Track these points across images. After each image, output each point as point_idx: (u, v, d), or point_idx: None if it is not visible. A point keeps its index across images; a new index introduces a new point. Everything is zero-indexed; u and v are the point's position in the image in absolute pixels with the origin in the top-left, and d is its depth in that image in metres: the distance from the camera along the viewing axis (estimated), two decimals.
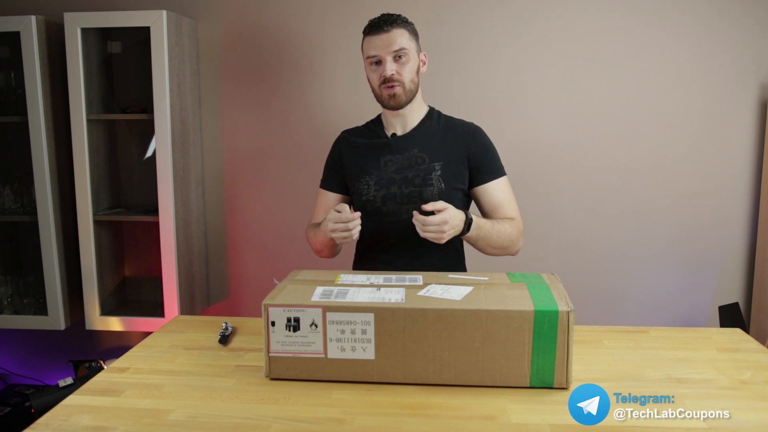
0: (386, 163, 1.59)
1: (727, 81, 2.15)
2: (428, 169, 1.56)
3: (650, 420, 1.02)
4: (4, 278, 2.27)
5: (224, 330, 1.44)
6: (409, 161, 1.58)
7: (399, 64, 1.53)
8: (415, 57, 1.56)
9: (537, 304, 1.12)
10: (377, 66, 1.55)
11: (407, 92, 1.55)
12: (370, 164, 1.61)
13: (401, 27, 1.53)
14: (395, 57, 1.52)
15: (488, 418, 1.03)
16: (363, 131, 1.69)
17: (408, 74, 1.54)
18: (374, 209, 1.59)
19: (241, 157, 2.35)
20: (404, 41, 1.52)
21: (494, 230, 1.50)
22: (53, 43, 2.14)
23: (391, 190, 1.57)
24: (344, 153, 1.67)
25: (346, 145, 1.68)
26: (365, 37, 1.56)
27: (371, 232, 1.61)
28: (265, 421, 1.03)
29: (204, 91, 2.33)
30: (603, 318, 2.28)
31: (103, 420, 1.04)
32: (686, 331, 1.46)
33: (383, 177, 1.58)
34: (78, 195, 2.15)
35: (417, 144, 1.59)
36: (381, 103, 1.61)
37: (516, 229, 1.55)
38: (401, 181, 1.57)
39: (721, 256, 2.25)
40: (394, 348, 1.14)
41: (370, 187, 1.59)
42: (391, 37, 1.51)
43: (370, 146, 1.63)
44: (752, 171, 2.19)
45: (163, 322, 2.14)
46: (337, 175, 1.68)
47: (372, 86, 1.59)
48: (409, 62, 1.54)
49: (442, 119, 1.65)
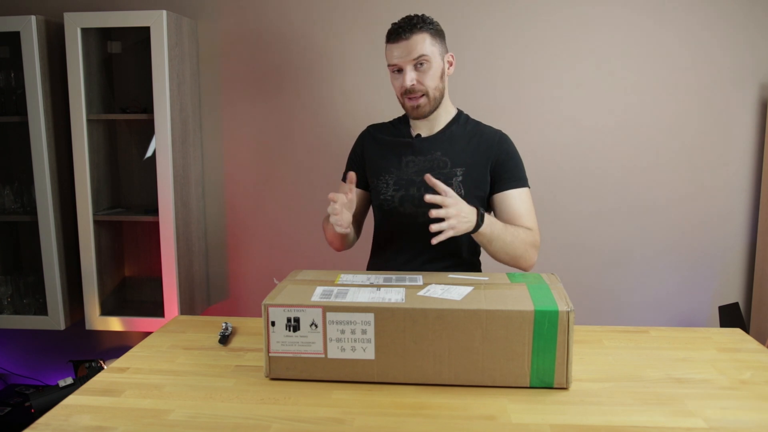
0: (407, 163, 1.56)
1: (727, 81, 2.15)
2: (449, 174, 1.52)
3: (650, 420, 1.02)
4: (4, 278, 2.27)
5: (224, 330, 1.44)
6: (431, 164, 1.54)
7: (420, 72, 1.47)
8: (438, 61, 1.49)
9: (537, 304, 1.12)
10: (398, 74, 1.50)
11: (432, 101, 1.51)
12: (391, 163, 1.57)
13: (422, 31, 1.46)
14: (416, 65, 1.46)
15: (488, 418, 1.03)
16: (388, 128, 1.66)
17: (431, 81, 1.48)
18: (391, 209, 1.56)
19: (241, 157, 2.35)
20: (425, 47, 1.46)
21: (508, 232, 1.44)
22: (53, 43, 2.14)
23: (410, 192, 1.54)
24: (367, 147, 1.64)
25: (370, 140, 1.65)
26: (386, 45, 1.51)
27: (387, 232, 1.60)
28: (265, 421, 1.03)
29: (204, 91, 2.33)
30: (603, 318, 2.28)
31: (103, 420, 1.04)
32: (686, 331, 1.46)
33: (403, 177, 1.55)
34: (78, 195, 2.15)
35: (440, 147, 1.55)
36: (405, 112, 1.57)
37: (531, 237, 1.48)
38: (421, 184, 1.53)
39: (721, 256, 2.25)
40: (394, 348, 1.14)
41: (389, 187, 1.56)
42: (411, 44, 1.45)
43: (394, 144, 1.60)
44: (752, 171, 2.19)
45: (163, 322, 2.14)
46: (358, 169, 1.63)
47: (396, 94, 1.55)
48: (431, 69, 1.47)
49: (470, 124, 1.60)
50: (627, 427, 1.00)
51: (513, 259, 1.48)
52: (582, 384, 1.16)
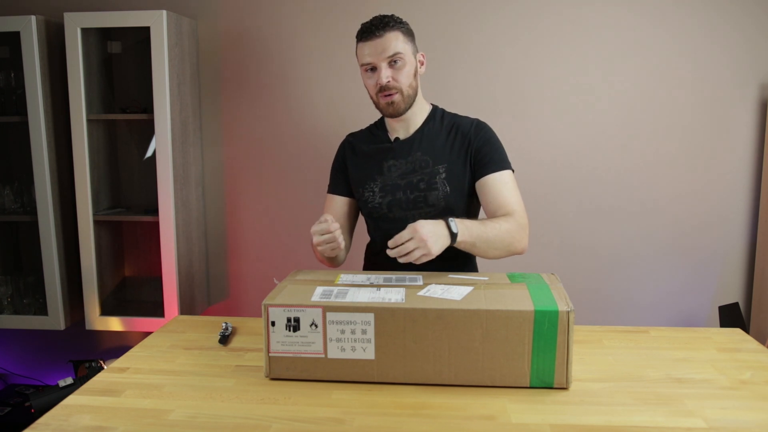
0: (390, 168, 1.56)
1: (727, 81, 2.15)
2: (432, 173, 1.52)
3: (650, 420, 1.02)
4: (4, 278, 2.27)
5: (224, 330, 1.44)
6: (413, 165, 1.54)
7: (394, 70, 1.47)
8: (411, 59, 1.49)
9: (537, 304, 1.12)
10: (372, 73, 1.49)
11: (406, 98, 1.50)
12: (374, 170, 1.57)
13: (394, 30, 1.46)
14: (390, 63, 1.46)
15: (488, 418, 1.03)
16: (366, 135, 1.65)
17: (405, 79, 1.48)
18: (381, 216, 1.56)
19: (241, 157, 2.35)
20: (399, 45, 1.45)
21: (488, 229, 1.39)
22: (53, 43, 2.14)
23: (397, 196, 1.53)
24: (348, 159, 1.64)
25: (350, 151, 1.64)
26: (358, 43, 1.50)
27: (380, 239, 1.59)
28: (265, 421, 1.03)
29: (204, 91, 2.33)
30: (603, 318, 2.28)
31: (103, 420, 1.04)
32: (686, 331, 1.46)
33: (388, 183, 1.55)
34: (78, 195, 2.15)
35: (420, 147, 1.55)
36: (380, 111, 1.56)
37: (514, 223, 1.42)
38: (406, 186, 1.53)
39: (721, 256, 2.25)
40: (394, 348, 1.14)
41: (375, 194, 1.55)
42: (384, 42, 1.44)
43: (374, 152, 1.59)
44: (752, 171, 2.19)
45: (163, 322, 2.14)
46: (344, 178, 1.64)
47: (369, 93, 1.54)
48: (405, 66, 1.47)
49: (446, 118, 1.59)
50: (627, 427, 1.00)
51: (503, 252, 1.43)
52: (582, 384, 1.16)
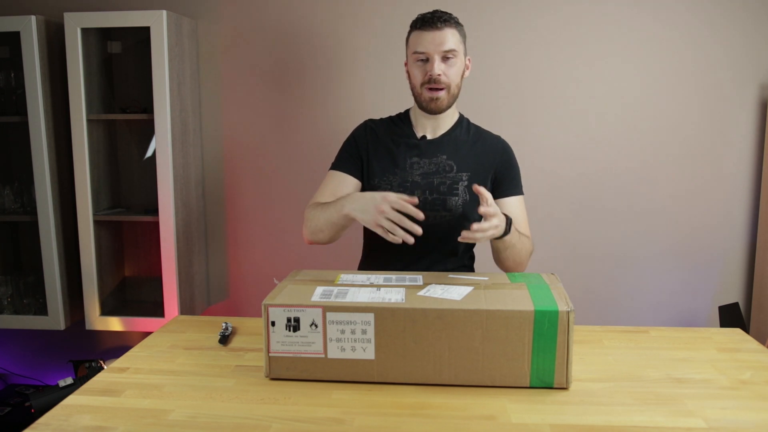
0: (412, 165, 1.53)
1: (727, 81, 2.15)
2: (455, 179, 1.51)
3: (650, 420, 1.02)
4: (4, 278, 2.27)
5: (224, 330, 1.44)
6: (437, 167, 1.52)
7: (447, 65, 1.46)
8: (462, 60, 1.50)
9: (537, 304, 1.12)
10: (423, 63, 1.47)
11: (451, 96, 1.50)
12: (396, 164, 1.54)
13: (453, 27, 1.47)
14: (444, 57, 1.45)
15: (488, 418, 1.03)
16: (389, 126, 1.61)
17: (455, 77, 1.48)
18: None
19: (241, 157, 2.35)
20: (455, 42, 1.46)
21: (521, 241, 1.46)
22: (53, 43, 2.14)
23: (415, 194, 1.50)
24: (370, 144, 1.58)
25: (372, 137, 1.59)
26: (414, 31, 1.48)
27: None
28: (265, 421, 1.03)
29: (204, 91, 2.33)
30: (603, 318, 2.28)
31: (103, 420, 1.04)
32: (686, 331, 1.46)
33: (407, 179, 1.53)
34: (78, 195, 2.15)
35: (446, 151, 1.54)
36: (419, 104, 1.53)
37: (530, 245, 1.52)
38: (426, 187, 1.51)
39: (721, 256, 2.25)
40: (394, 348, 1.14)
41: (393, 188, 1.52)
42: (443, 35, 1.44)
43: (398, 145, 1.56)
44: (752, 171, 2.19)
45: (163, 322, 2.14)
46: (357, 160, 1.58)
47: (412, 84, 1.51)
48: (457, 64, 1.47)
49: (472, 128, 1.60)
50: (627, 427, 1.00)
51: (516, 266, 1.51)
52: (582, 384, 1.16)
